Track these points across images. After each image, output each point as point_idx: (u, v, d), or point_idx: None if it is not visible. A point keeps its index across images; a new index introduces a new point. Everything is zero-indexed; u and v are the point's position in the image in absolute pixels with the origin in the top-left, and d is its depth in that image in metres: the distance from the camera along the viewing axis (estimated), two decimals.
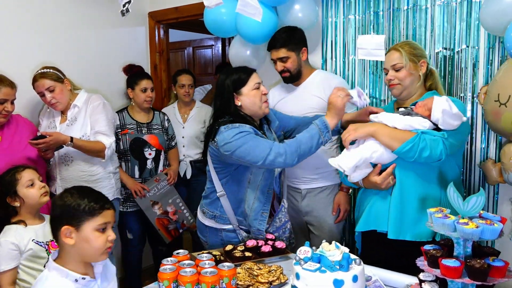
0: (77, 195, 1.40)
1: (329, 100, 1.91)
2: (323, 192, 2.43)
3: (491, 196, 2.23)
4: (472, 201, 1.36)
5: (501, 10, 1.89)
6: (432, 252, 1.40)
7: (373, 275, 1.54)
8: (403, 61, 1.84)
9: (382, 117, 1.76)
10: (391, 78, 1.88)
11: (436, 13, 2.32)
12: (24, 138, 2.36)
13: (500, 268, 1.32)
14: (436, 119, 1.68)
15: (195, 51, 5.08)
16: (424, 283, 1.42)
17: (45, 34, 2.84)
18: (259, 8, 2.07)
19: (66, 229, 1.36)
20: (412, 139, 1.65)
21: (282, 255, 1.92)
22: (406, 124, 1.70)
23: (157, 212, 2.94)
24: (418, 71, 1.86)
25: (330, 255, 1.40)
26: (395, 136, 1.69)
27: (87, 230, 1.37)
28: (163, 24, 3.56)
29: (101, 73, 3.17)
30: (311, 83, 2.43)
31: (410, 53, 1.85)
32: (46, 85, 2.44)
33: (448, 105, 1.64)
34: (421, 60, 1.86)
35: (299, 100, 2.43)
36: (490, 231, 1.32)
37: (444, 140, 1.66)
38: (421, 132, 1.67)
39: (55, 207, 1.42)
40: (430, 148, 1.64)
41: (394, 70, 1.87)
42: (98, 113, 2.57)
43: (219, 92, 2.03)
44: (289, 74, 2.38)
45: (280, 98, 2.52)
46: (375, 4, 2.49)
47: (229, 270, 1.55)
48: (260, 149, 1.84)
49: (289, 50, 2.34)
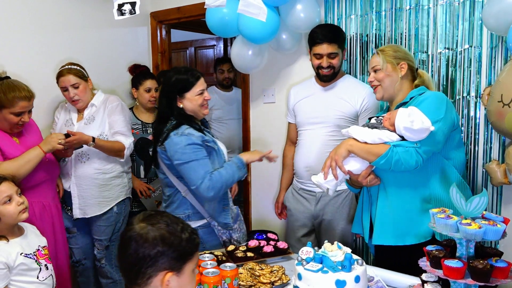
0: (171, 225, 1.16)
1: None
2: (339, 196, 2.39)
3: (494, 197, 2.23)
4: (475, 202, 1.36)
5: (504, 10, 1.89)
6: (434, 252, 1.40)
7: (375, 276, 1.54)
8: (381, 63, 1.89)
9: (352, 131, 1.80)
10: (371, 80, 1.95)
11: (439, 13, 2.31)
12: (36, 140, 2.35)
13: (503, 269, 1.32)
14: (401, 135, 1.72)
15: (197, 51, 5.08)
16: (427, 284, 1.41)
17: (46, 34, 2.84)
18: (263, 8, 2.05)
19: (169, 276, 1.13)
20: (385, 153, 1.69)
21: (284, 255, 1.92)
22: (375, 137, 1.74)
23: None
24: (397, 73, 1.88)
25: (332, 256, 1.40)
26: (370, 150, 1.74)
27: (188, 272, 1.18)
28: (165, 24, 3.56)
29: (103, 73, 3.17)
30: (340, 86, 2.40)
31: (389, 55, 1.89)
32: (71, 81, 2.49)
33: (409, 122, 1.65)
34: (400, 63, 1.88)
35: (322, 100, 2.40)
36: (493, 231, 1.31)
37: (417, 150, 1.69)
38: (393, 145, 1.70)
39: (141, 248, 1.12)
40: (404, 160, 1.68)
41: (374, 71, 1.93)
42: (117, 114, 2.62)
43: (165, 91, 2.10)
44: (332, 71, 2.35)
45: (302, 97, 2.49)
46: (377, 4, 2.48)
47: (231, 270, 1.55)
48: (197, 174, 1.95)
49: (339, 47, 2.32)
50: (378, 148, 1.72)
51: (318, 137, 2.38)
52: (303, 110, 2.43)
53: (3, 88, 2.15)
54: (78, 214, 2.61)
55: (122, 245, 1.17)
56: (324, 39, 2.30)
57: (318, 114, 2.39)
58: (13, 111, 2.17)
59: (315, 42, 2.33)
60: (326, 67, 2.34)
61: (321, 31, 2.33)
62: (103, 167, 2.59)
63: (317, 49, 2.32)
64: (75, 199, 2.59)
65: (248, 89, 3.15)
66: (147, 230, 1.13)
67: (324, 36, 2.30)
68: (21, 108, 2.19)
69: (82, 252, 2.73)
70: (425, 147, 1.70)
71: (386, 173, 1.81)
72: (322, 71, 2.35)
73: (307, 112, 2.41)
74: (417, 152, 1.69)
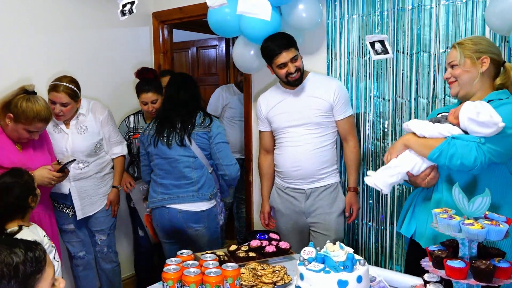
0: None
1: None
2: (326, 190, 2.44)
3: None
4: (477, 202, 1.35)
5: (507, 10, 1.88)
6: (437, 253, 1.40)
7: (378, 276, 1.54)
8: (458, 57, 1.70)
9: (411, 125, 1.69)
10: (447, 77, 1.77)
11: (441, 13, 2.30)
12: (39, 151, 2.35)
13: (505, 269, 1.31)
14: (464, 128, 1.56)
15: (199, 51, 5.08)
16: (429, 284, 1.41)
17: (47, 34, 2.85)
18: (266, 6, 2.03)
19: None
20: (440, 145, 1.56)
21: (286, 255, 1.93)
22: (434, 131, 1.61)
23: (147, 209, 2.83)
24: (477, 68, 1.68)
25: (334, 256, 1.40)
26: (426, 143, 1.61)
27: None
28: (167, 24, 3.56)
29: (105, 73, 3.18)
30: (309, 85, 2.43)
31: (469, 49, 1.69)
32: (63, 100, 2.47)
33: (475, 113, 1.49)
34: (482, 57, 1.67)
35: (296, 102, 2.42)
36: (496, 232, 1.31)
37: (479, 146, 1.51)
38: (452, 137, 1.55)
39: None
40: (461, 154, 1.52)
41: (451, 67, 1.75)
42: (109, 125, 2.75)
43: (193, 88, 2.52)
44: (299, 74, 2.37)
45: (274, 103, 2.49)
46: (379, 3, 2.48)
47: (233, 270, 1.55)
48: (232, 156, 2.54)
49: (296, 49, 2.36)
50: (435, 141, 1.58)
51: (301, 136, 2.40)
52: (279, 115, 2.44)
53: (27, 104, 2.15)
54: (81, 215, 2.66)
55: None
56: (281, 48, 2.31)
57: (296, 116, 2.39)
58: (29, 128, 2.19)
59: (274, 54, 2.34)
60: (294, 72, 2.34)
61: (272, 43, 2.35)
62: (98, 167, 2.67)
63: (279, 60, 2.33)
64: (77, 201, 2.62)
65: (250, 89, 3.15)
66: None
67: (279, 46, 2.32)
68: (36, 128, 2.21)
69: (82, 245, 2.77)
70: (491, 145, 1.50)
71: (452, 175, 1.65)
72: (291, 77, 2.36)
73: (285, 116, 2.42)
74: (479, 148, 1.50)
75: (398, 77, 2.47)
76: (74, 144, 2.57)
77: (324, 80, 2.47)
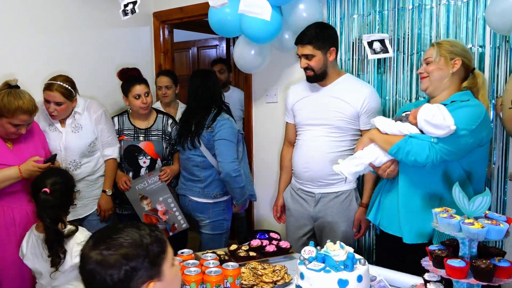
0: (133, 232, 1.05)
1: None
2: (338, 197, 2.32)
3: (499, 196, 2.22)
4: (477, 201, 1.36)
5: (507, 9, 1.88)
6: (437, 252, 1.40)
7: (378, 275, 1.54)
8: (434, 55, 1.84)
9: (376, 121, 1.84)
10: (421, 71, 1.91)
11: (441, 12, 2.30)
12: (30, 148, 2.33)
13: (506, 268, 1.31)
14: (421, 128, 1.72)
15: (200, 51, 5.09)
16: (429, 283, 1.41)
17: (48, 34, 2.85)
18: (266, 7, 2.03)
19: (153, 285, 1.04)
20: (399, 142, 1.72)
21: (286, 254, 1.93)
22: (395, 129, 1.76)
23: (145, 208, 2.77)
24: (448, 68, 1.82)
25: (334, 255, 1.40)
26: (387, 139, 1.78)
27: (168, 270, 1.09)
28: (168, 24, 3.57)
29: (106, 73, 3.18)
30: (338, 86, 2.31)
31: (445, 49, 1.83)
32: (56, 99, 2.44)
33: (430, 115, 1.65)
34: (455, 58, 1.81)
35: (322, 101, 2.32)
36: (496, 231, 1.31)
37: (432, 145, 1.66)
38: (409, 136, 1.72)
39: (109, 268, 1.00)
40: (415, 152, 1.68)
41: (426, 63, 1.89)
42: (102, 123, 2.65)
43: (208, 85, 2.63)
44: (312, 73, 2.27)
45: (301, 96, 2.41)
46: (380, 3, 2.48)
47: (233, 269, 1.55)
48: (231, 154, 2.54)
49: (315, 48, 2.23)
50: (395, 138, 1.75)
51: (318, 137, 2.32)
52: (302, 110, 2.38)
53: (9, 98, 2.13)
54: (70, 217, 2.59)
55: (85, 281, 1.04)
56: (298, 41, 2.28)
57: (318, 115, 2.32)
58: (12, 121, 2.15)
59: (295, 43, 2.32)
60: (304, 69, 2.30)
61: (301, 32, 2.29)
62: (91, 169, 2.63)
63: (297, 50, 2.32)
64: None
65: (251, 89, 3.15)
66: (105, 255, 1.00)
67: (299, 38, 2.28)
68: (21, 121, 2.17)
69: None
70: (443, 145, 1.66)
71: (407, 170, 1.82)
72: (305, 71, 2.32)
73: (307, 113, 2.35)
74: (432, 147, 1.66)
75: (398, 77, 2.47)
76: (68, 143, 2.53)
77: (357, 85, 2.31)
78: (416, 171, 1.79)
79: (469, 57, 1.86)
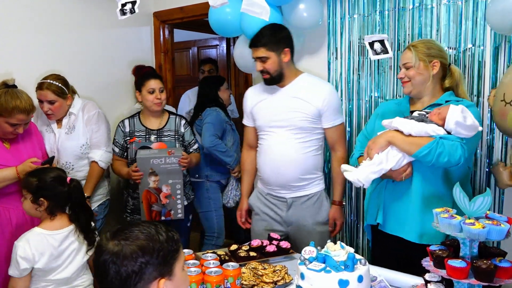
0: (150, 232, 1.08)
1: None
2: (310, 199, 2.27)
3: (497, 196, 2.22)
4: (478, 201, 1.35)
5: (508, 9, 1.88)
6: (438, 252, 1.40)
7: (379, 276, 1.54)
8: (413, 60, 1.85)
9: (396, 123, 1.75)
10: (401, 76, 1.91)
11: (442, 12, 2.30)
12: (28, 148, 2.33)
13: (506, 269, 1.31)
14: (450, 129, 1.69)
15: (200, 51, 5.08)
16: (430, 284, 1.41)
17: (49, 33, 2.85)
18: (266, 7, 2.04)
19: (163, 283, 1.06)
20: (429, 144, 1.66)
21: (286, 255, 1.92)
22: (421, 130, 1.70)
23: (150, 184, 2.56)
24: (429, 71, 1.84)
25: (335, 255, 1.40)
26: (413, 141, 1.71)
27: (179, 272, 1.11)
28: (168, 24, 3.57)
29: (106, 73, 3.18)
30: (297, 86, 2.24)
31: (422, 52, 1.84)
32: (48, 97, 2.43)
33: (462, 117, 1.65)
34: (433, 61, 1.84)
35: (282, 102, 2.24)
36: (497, 231, 1.31)
37: (462, 145, 1.68)
38: (439, 137, 1.67)
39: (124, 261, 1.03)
40: (449, 153, 1.65)
41: (405, 68, 1.89)
42: (93, 124, 2.59)
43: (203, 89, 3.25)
44: (269, 76, 2.21)
45: (260, 99, 2.32)
46: (380, 3, 2.48)
47: (234, 269, 1.55)
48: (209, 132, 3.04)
49: (269, 50, 2.17)
50: (422, 140, 1.68)
51: (283, 140, 2.23)
52: (262, 113, 2.30)
53: (6, 97, 2.13)
54: None
55: (99, 272, 1.05)
56: (252, 44, 2.22)
57: (279, 117, 2.23)
58: (9, 121, 2.15)
59: (249, 46, 2.25)
60: (260, 72, 2.23)
61: (254, 35, 2.22)
62: (83, 173, 2.59)
63: (252, 54, 2.24)
64: None
65: None
66: (122, 246, 1.03)
67: (252, 41, 2.22)
68: (18, 120, 2.17)
69: None
70: (469, 146, 1.71)
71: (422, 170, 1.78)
72: (261, 75, 2.26)
73: (268, 115, 2.27)
74: (462, 147, 1.67)
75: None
76: (61, 144, 2.52)
77: (316, 84, 2.26)
78: (432, 172, 1.77)
79: (445, 56, 1.89)
